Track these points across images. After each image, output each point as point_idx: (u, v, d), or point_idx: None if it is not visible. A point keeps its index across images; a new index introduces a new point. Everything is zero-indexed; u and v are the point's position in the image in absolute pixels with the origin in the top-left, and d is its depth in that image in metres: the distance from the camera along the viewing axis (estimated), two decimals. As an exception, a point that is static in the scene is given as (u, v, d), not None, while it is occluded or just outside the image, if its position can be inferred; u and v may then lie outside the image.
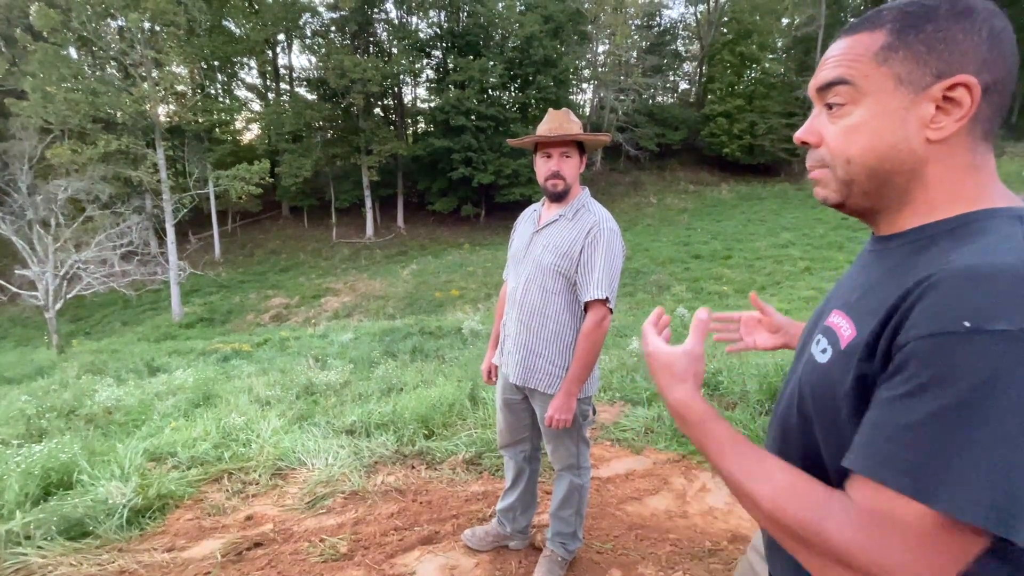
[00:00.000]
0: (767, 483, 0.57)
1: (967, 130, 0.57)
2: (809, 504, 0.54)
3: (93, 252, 14.86)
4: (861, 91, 0.60)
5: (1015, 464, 0.45)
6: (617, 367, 4.79)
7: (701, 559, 2.16)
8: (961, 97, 0.56)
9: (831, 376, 0.60)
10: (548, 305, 1.81)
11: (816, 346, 0.64)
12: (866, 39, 0.60)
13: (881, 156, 0.59)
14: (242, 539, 2.27)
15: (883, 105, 0.59)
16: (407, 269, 20.22)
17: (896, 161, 0.59)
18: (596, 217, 1.78)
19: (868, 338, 0.55)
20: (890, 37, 0.58)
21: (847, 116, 0.61)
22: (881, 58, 0.58)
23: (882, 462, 0.49)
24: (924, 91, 0.57)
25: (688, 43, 37.02)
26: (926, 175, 0.59)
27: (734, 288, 14.70)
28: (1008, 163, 23.23)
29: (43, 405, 4.77)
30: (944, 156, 0.58)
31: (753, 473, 0.58)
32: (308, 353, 7.53)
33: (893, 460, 0.48)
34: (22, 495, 2.45)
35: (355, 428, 3.40)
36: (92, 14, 17.20)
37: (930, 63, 0.56)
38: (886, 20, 0.59)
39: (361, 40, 27.32)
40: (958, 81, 0.55)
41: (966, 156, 0.58)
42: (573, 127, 1.78)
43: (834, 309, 0.65)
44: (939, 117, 0.57)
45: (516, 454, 2.09)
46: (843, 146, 0.62)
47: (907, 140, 0.58)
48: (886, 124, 0.59)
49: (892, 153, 0.59)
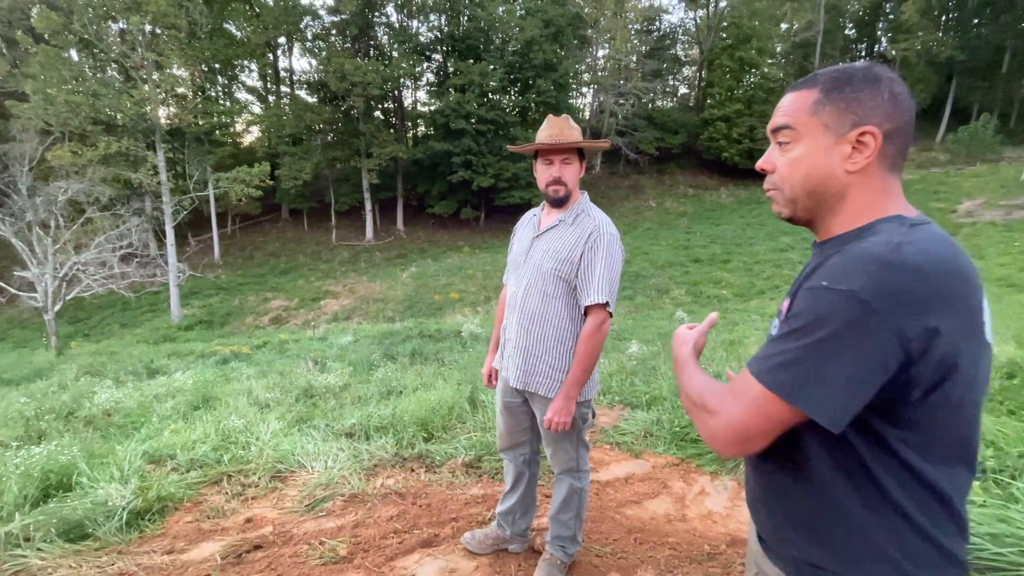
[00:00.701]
0: (693, 380, 0.88)
1: (877, 164, 0.78)
2: (704, 388, 0.84)
3: (92, 254, 14.85)
4: (800, 134, 0.81)
5: (813, 370, 0.69)
6: (616, 371, 4.80)
7: (700, 563, 2.17)
8: (869, 141, 0.77)
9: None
10: (548, 309, 1.82)
11: (773, 327, 0.85)
12: (805, 95, 0.81)
13: (815, 181, 0.81)
14: (241, 541, 2.26)
15: (816, 144, 0.80)
16: (407, 272, 20.24)
17: (826, 185, 0.80)
18: (596, 222, 1.80)
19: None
20: (820, 95, 0.79)
21: (791, 151, 0.83)
22: (813, 110, 0.80)
23: (755, 360, 0.77)
24: (843, 136, 0.78)
25: (687, 48, 37.17)
26: (848, 195, 0.80)
27: (733, 292, 14.73)
28: (1007, 168, 23.31)
29: (42, 407, 4.77)
30: (861, 182, 0.79)
31: (692, 379, 0.89)
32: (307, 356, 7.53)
33: (758, 359, 0.76)
34: (21, 497, 2.45)
35: (354, 431, 3.40)
36: (93, 16, 17.25)
37: (848, 115, 0.77)
38: (819, 81, 0.80)
39: (362, 43, 27.39)
40: (866, 130, 0.76)
41: (877, 182, 0.79)
42: (574, 134, 1.79)
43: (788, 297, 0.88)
44: (854, 155, 0.78)
45: (516, 457, 2.09)
46: (788, 173, 0.83)
47: (832, 170, 0.79)
48: (818, 158, 0.80)
49: (823, 179, 0.80)
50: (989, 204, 19.13)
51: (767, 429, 0.75)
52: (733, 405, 0.77)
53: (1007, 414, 2.66)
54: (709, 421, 0.79)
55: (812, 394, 0.69)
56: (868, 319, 0.66)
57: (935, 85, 31.87)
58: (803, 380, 0.70)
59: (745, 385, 0.76)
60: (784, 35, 32.03)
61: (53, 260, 13.89)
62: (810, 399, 0.70)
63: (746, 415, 0.75)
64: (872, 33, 38.34)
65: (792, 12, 30.54)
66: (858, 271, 0.68)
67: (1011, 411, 2.68)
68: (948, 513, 0.74)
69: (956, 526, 0.75)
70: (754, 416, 0.74)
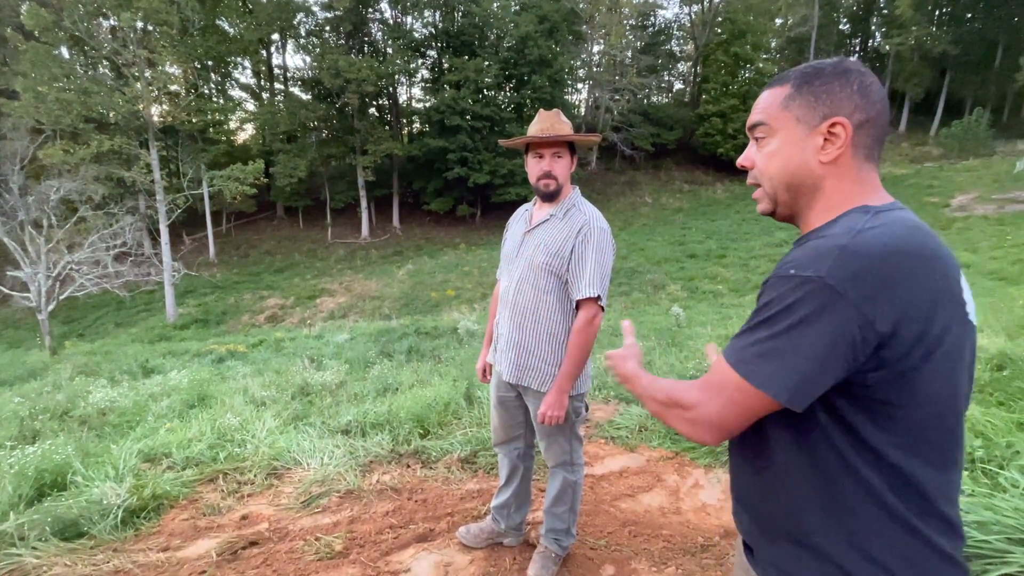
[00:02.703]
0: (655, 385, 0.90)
1: (851, 154, 0.79)
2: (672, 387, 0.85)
3: (86, 253, 14.75)
4: (773, 128, 0.83)
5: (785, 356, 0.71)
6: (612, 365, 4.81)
7: (694, 555, 2.19)
8: (839, 132, 0.78)
9: None
10: (540, 304, 1.83)
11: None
12: (777, 91, 0.83)
13: (791, 173, 0.83)
14: (237, 538, 2.27)
15: (789, 138, 0.82)
16: (403, 269, 20.21)
17: (801, 177, 0.82)
18: (586, 216, 1.80)
19: None
20: (791, 89, 0.82)
21: (767, 146, 0.85)
22: (785, 104, 0.82)
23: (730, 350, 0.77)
24: (815, 128, 0.80)
25: (682, 43, 37.15)
26: (824, 187, 0.81)
27: (729, 287, 14.77)
28: (1000, 162, 23.44)
29: (36, 407, 4.75)
30: (835, 173, 0.80)
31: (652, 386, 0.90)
32: (303, 354, 7.52)
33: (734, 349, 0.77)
34: (16, 496, 2.45)
35: (351, 428, 3.40)
36: (84, 13, 17.10)
37: (818, 108, 0.79)
38: (791, 78, 0.83)
39: (356, 40, 27.27)
40: (836, 121, 0.78)
41: (852, 173, 0.80)
42: (564, 128, 1.80)
43: None
44: (827, 146, 0.79)
45: (510, 451, 2.10)
46: (765, 167, 0.86)
47: (807, 162, 0.81)
48: (792, 151, 0.82)
49: (798, 171, 0.82)
50: (982, 198, 19.23)
51: (745, 417, 0.76)
52: (710, 397, 0.78)
53: (996, 405, 2.69)
54: (685, 415, 0.80)
55: (785, 380, 0.71)
56: (836, 303, 0.67)
57: (929, 79, 31.99)
58: (776, 366, 0.71)
59: (720, 376, 0.77)
60: (779, 30, 32.06)
61: (46, 259, 13.79)
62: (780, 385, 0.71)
63: (725, 406, 0.76)
64: (866, 28, 38.40)
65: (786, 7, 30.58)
66: (823, 258, 0.70)
67: (1000, 402, 2.71)
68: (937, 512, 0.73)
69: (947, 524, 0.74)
70: (732, 405, 0.76)
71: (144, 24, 18.06)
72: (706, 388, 0.79)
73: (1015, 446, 2.17)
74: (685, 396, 0.81)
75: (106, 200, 18.26)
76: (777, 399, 0.71)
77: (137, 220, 18.73)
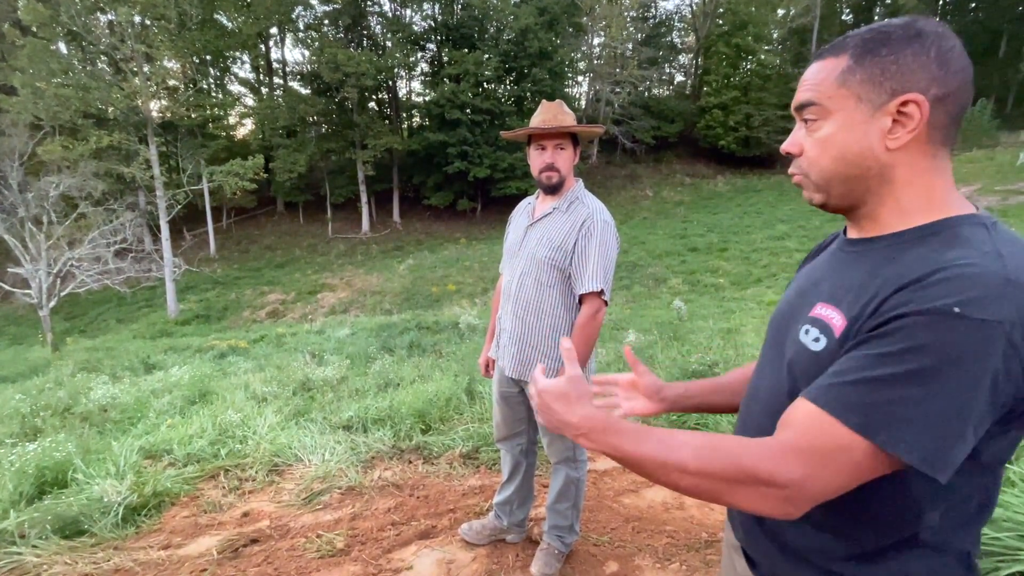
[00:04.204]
0: (686, 447, 0.64)
1: (926, 137, 0.66)
2: (726, 450, 0.63)
3: (87, 249, 14.74)
4: (827, 109, 0.69)
5: (949, 426, 0.56)
6: (614, 360, 4.79)
7: (698, 550, 2.17)
8: (912, 111, 0.64)
9: (827, 363, 0.66)
10: (543, 298, 1.80)
11: (806, 336, 0.71)
12: (831, 64, 0.69)
13: (849, 163, 0.69)
14: (238, 536, 2.26)
15: (847, 120, 0.68)
16: (403, 264, 20.18)
17: (863, 167, 0.68)
18: (589, 209, 1.77)
19: (860, 323, 0.64)
20: (850, 61, 0.67)
21: (819, 130, 0.70)
22: (842, 80, 0.68)
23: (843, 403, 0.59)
24: (881, 107, 0.66)
25: (684, 35, 36.87)
26: (893, 178, 0.68)
27: (730, 280, 14.73)
28: (1002, 154, 23.29)
29: (38, 403, 4.75)
30: (906, 161, 0.67)
31: (672, 445, 0.65)
32: (305, 349, 7.51)
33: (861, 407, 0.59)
34: (16, 494, 2.44)
35: (352, 424, 3.39)
36: (81, 8, 16.97)
37: (885, 83, 0.65)
38: (848, 46, 0.68)
39: (355, 33, 27.10)
40: (908, 99, 0.64)
41: (927, 160, 0.67)
42: (567, 119, 1.76)
43: (820, 302, 0.72)
44: (896, 129, 0.66)
45: (513, 447, 2.09)
46: (817, 155, 0.71)
47: (871, 149, 0.67)
48: (851, 136, 0.68)
49: (859, 160, 0.68)
50: (986, 190, 19.12)
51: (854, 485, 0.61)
52: (820, 468, 0.60)
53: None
54: (778, 493, 0.60)
55: (944, 452, 0.57)
56: (1007, 357, 0.55)
57: (932, 70, 31.72)
58: (935, 434, 0.57)
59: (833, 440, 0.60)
60: (780, 21, 31.74)
61: (47, 256, 13.79)
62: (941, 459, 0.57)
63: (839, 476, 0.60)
64: (869, 18, 38.05)
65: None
66: (991, 295, 0.56)
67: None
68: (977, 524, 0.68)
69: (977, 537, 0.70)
70: (852, 475, 0.60)
71: (142, 19, 17.92)
72: (810, 456, 0.60)
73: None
74: (775, 470, 0.60)
75: (106, 196, 18.23)
76: (935, 474, 0.57)
77: (137, 216, 18.73)
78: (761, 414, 0.79)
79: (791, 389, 0.72)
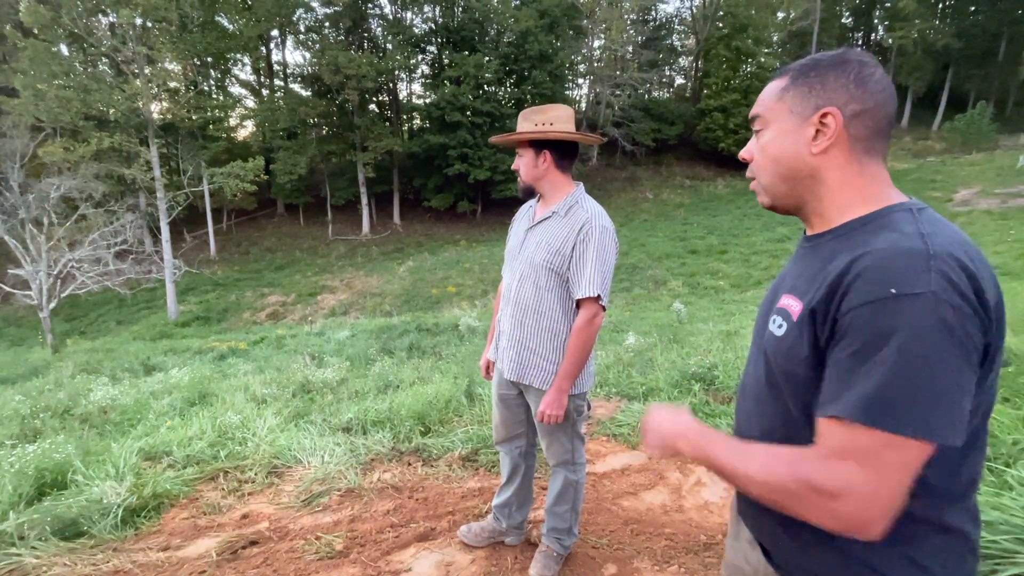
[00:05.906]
0: (755, 459, 0.74)
1: (848, 147, 0.77)
2: (786, 461, 0.70)
3: (87, 251, 14.75)
4: (768, 120, 0.83)
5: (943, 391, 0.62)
6: (613, 363, 4.80)
7: (697, 553, 2.17)
8: (830, 122, 0.76)
9: (788, 343, 0.76)
10: (541, 302, 1.81)
11: (773, 324, 0.81)
12: (776, 84, 0.83)
13: (784, 165, 0.81)
14: (238, 537, 2.26)
15: (782, 128, 0.81)
16: (403, 266, 20.19)
17: (795, 168, 0.80)
18: (588, 214, 1.78)
19: (813, 307, 0.72)
20: (788, 81, 0.81)
21: (763, 138, 0.84)
22: (779, 96, 0.82)
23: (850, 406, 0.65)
24: (807, 119, 0.78)
25: (684, 38, 36.94)
26: (825, 179, 0.79)
27: (730, 283, 14.74)
28: (1002, 157, 23.31)
29: (38, 405, 4.75)
30: (834, 164, 0.78)
31: (744, 457, 0.75)
32: (305, 351, 7.51)
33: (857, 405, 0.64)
34: (15, 495, 2.44)
35: (351, 425, 3.39)
36: (83, 10, 17.04)
37: (811, 99, 0.78)
38: (790, 70, 0.82)
39: (355, 36, 27.17)
40: (827, 111, 0.76)
41: (852, 165, 0.78)
42: (520, 126, 1.82)
43: (784, 294, 0.81)
44: (818, 137, 0.78)
45: (512, 450, 2.09)
46: (761, 160, 0.85)
47: (800, 154, 0.80)
48: (785, 142, 0.81)
49: (792, 162, 0.81)
50: (985, 192, 19.15)
51: (907, 481, 0.65)
52: (859, 473, 0.64)
53: (1002, 401, 2.67)
54: (839, 507, 0.64)
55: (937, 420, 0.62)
56: (956, 317, 0.62)
57: (932, 73, 31.80)
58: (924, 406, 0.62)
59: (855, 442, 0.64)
60: (780, 24, 31.85)
61: (47, 257, 13.80)
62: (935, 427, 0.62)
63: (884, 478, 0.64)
64: (869, 21, 38.15)
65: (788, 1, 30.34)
66: (917, 270, 0.63)
67: (1006, 398, 2.69)
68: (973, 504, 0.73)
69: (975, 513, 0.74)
70: (894, 473, 0.64)
71: (143, 20, 17.98)
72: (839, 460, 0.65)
73: (1022, 443, 2.15)
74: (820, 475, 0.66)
75: (106, 198, 18.25)
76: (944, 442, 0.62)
77: (138, 218, 18.73)
78: (748, 400, 0.89)
79: (767, 375, 0.81)
